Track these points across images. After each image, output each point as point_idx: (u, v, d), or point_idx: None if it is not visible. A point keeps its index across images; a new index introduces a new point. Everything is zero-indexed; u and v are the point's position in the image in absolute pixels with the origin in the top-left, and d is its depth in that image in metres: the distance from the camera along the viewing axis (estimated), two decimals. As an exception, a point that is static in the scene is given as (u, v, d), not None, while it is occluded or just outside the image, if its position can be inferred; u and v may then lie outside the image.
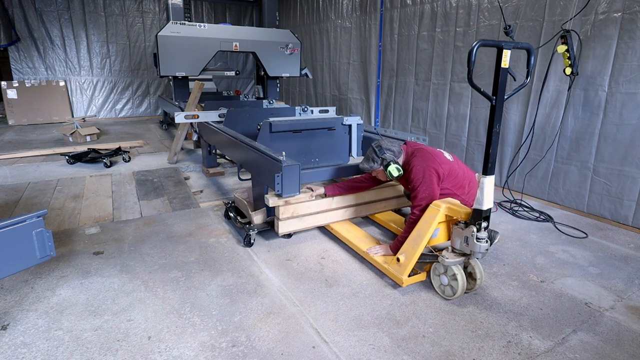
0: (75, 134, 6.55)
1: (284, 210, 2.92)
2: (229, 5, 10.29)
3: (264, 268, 2.75)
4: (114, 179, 4.65)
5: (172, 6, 5.99)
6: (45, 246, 2.00)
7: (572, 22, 3.63)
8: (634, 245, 3.18)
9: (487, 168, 2.23)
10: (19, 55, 8.33)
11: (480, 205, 2.22)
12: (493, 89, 2.17)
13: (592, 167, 3.68)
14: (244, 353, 1.95)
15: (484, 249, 2.26)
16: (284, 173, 2.76)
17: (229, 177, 4.90)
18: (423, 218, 2.49)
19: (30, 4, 8.11)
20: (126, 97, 9.46)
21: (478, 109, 4.71)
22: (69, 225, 3.37)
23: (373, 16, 6.36)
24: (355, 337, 2.07)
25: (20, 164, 5.23)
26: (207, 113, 4.59)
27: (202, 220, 3.53)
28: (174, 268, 2.72)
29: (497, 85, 2.14)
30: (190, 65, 5.74)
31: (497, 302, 2.40)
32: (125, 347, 1.97)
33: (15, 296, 2.37)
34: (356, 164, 3.59)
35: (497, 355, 1.97)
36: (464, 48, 4.80)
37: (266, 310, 2.28)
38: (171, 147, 5.56)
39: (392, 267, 2.55)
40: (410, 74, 5.67)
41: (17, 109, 8.22)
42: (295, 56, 6.49)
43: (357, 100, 7.03)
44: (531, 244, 3.18)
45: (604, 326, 2.20)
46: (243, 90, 10.63)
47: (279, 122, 3.71)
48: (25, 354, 1.92)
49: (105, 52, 9.00)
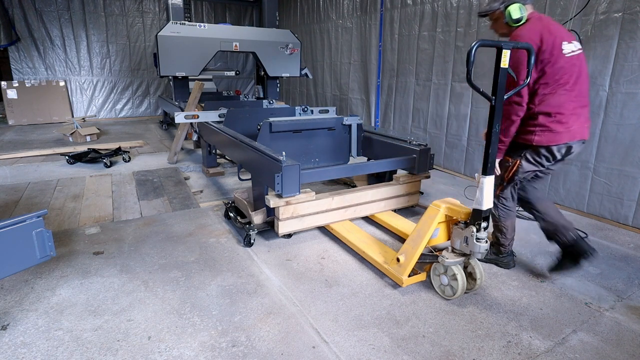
0: (75, 134, 6.55)
1: (284, 211, 2.92)
2: (229, 5, 10.30)
3: (264, 268, 2.75)
4: (114, 179, 4.65)
5: (172, 6, 5.99)
6: (45, 246, 2.00)
7: (573, 22, 3.63)
8: (634, 245, 3.18)
9: (486, 168, 2.23)
10: (19, 55, 8.33)
11: (480, 206, 2.22)
12: (492, 89, 2.17)
13: (592, 167, 3.67)
14: (244, 353, 1.95)
15: (483, 249, 2.26)
16: (284, 173, 2.76)
17: (229, 177, 4.90)
18: (423, 218, 2.49)
19: (30, 4, 8.11)
20: (126, 97, 9.46)
21: (479, 109, 4.71)
22: (69, 225, 3.37)
23: (373, 16, 6.36)
24: (355, 337, 2.07)
25: (20, 164, 5.23)
26: (207, 113, 4.59)
27: (202, 220, 3.53)
28: (174, 268, 2.72)
29: (497, 85, 2.14)
30: (190, 65, 5.75)
31: (497, 302, 2.40)
32: (125, 347, 1.97)
33: (15, 296, 2.37)
34: (356, 164, 3.60)
35: (497, 355, 1.97)
36: (464, 48, 4.80)
37: (266, 310, 2.28)
38: (171, 147, 5.56)
39: (392, 267, 2.55)
40: (411, 74, 5.67)
41: (17, 109, 8.22)
42: (295, 56, 6.49)
43: (357, 100, 7.03)
44: (531, 244, 3.18)
45: (604, 326, 2.20)
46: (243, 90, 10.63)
47: (279, 122, 3.71)
48: (25, 354, 1.92)
49: (105, 52, 9.00)
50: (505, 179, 2.54)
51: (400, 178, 3.50)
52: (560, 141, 2.34)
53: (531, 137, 2.37)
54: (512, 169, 2.48)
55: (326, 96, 8.02)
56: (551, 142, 2.34)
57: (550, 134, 2.32)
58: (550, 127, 2.32)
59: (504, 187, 2.58)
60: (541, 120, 2.33)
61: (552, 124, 2.31)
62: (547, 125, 2.32)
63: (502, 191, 2.60)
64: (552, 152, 2.38)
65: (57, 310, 2.25)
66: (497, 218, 2.66)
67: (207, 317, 2.21)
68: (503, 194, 2.60)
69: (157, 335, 2.06)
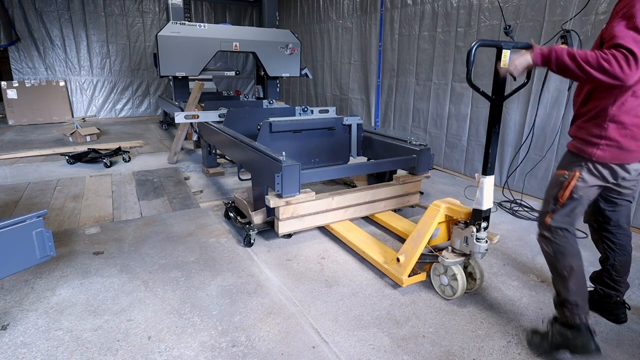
0: (75, 134, 6.55)
1: (284, 211, 2.92)
2: (229, 5, 10.30)
3: (264, 268, 2.75)
4: (114, 179, 4.65)
5: (172, 6, 5.99)
6: (45, 246, 2.00)
7: (572, 22, 3.62)
8: (634, 246, 3.17)
9: (486, 168, 2.22)
10: (19, 55, 8.33)
11: (480, 206, 2.22)
12: (493, 89, 2.17)
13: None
14: (244, 353, 1.95)
15: (483, 249, 2.26)
16: (284, 173, 2.76)
17: (229, 177, 4.90)
18: (423, 218, 2.49)
19: (30, 4, 8.11)
20: (126, 97, 9.46)
21: (479, 109, 4.71)
22: (69, 225, 3.37)
23: (373, 16, 6.36)
24: (355, 337, 2.07)
25: (20, 164, 5.23)
26: (207, 113, 4.59)
27: (202, 220, 3.53)
28: (174, 268, 2.72)
29: (497, 85, 2.14)
30: (190, 65, 5.75)
31: (497, 302, 2.40)
32: (125, 347, 1.97)
33: (15, 296, 2.37)
34: (356, 164, 3.60)
35: (497, 355, 1.97)
36: (465, 48, 4.80)
37: (266, 310, 2.28)
38: (171, 147, 5.56)
39: (392, 267, 2.55)
40: (411, 74, 5.67)
41: (17, 109, 8.22)
42: (295, 56, 6.49)
43: (357, 100, 7.03)
44: (531, 244, 3.18)
45: (604, 326, 2.20)
46: (243, 90, 10.63)
47: (279, 122, 3.71)
48: (25, 354, 1.92)
49: (105, 52, 9.00)
50: (560, 199, 1.89)
51: (400, 178, 3.50)
52: (630, 160, 1.79)
53: (592, 150, 1.79)
54: (569, 183, 1.86)
55: (326, 96, 8.02)
56: (617, 161, 1.78)
57: (618, 152, 1.76)
58: (620, 142, 1.74)
59: (559, 210, 1.90)
60: (611, 131, 1.75)
61: (623, 139, 1.74)
62: (616, 140, 1.75)
63: (555, 215, 1.91)
64: (614, 172, 1.81)
65: (57, 310, 2.25)
66: (552, 256, 1.93)
67: (207, 317, 2.21)
68: (558, 220, 1.90)
69: (157, 335, 2.06)
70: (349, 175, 4.28)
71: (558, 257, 1.90)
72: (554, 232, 1.91)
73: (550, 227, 1.91)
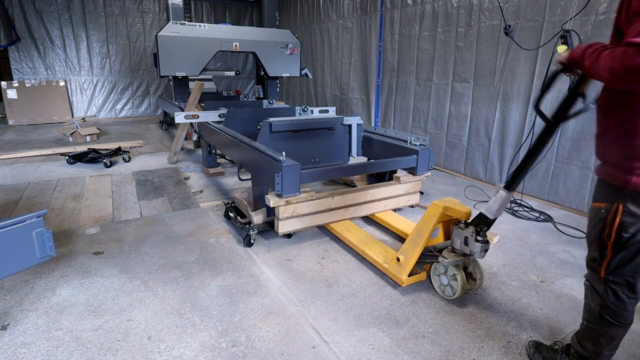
0: (75, 134, 6.55)
1: (284, 210, 2.92)
2: (229, 5, 10.30)
3: (264, 268, 2.75)
4: (114, 179, 4.65)
5: (172, 6, 5.99)
6: (45, 246, 2.00)
7: (573, 22, 3.62)
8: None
9: (513, 183, 2.07)
10: (19, 55, 8.33)
11: (490, 214, 2.15)
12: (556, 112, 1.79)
13: (593, 167, 3.67)
14: (244, 353, 1.95)
15: (483, 249, 2.25)
16: (284, 173, 2.76)
17: (229, 177, 4.90)
18: (423, 218, 2.49)
19: (30, 4, 8.11)
20: (126, 97, 9.46)
21: (479, 109, 4.70)
22: (69, 225, 3.37)
23: (373, 16, 6.36)
24: (355, 337, 2.07)
25: (20, 164, 5.23)
26: (207, 113, 4.59)
27: (202, 220, 3.53)
28: (174, 268, 2.72)
29: (561, 107, 1.77)
30: (190, 65, 5.75)
31: (497, 302, 2.40)
32: (125, 347, 1.97)
33: (15, 296, 2.37)
34: (356, 164, 3.60)
35: (497, 355, 1.97)
36: (465, 48, 4.80)
37: (266, 310, 2.28)
38: (171, 147, 5.56)
39: (392, 267, 2.55)
40: (411, 74, 5.67)
41: (17, 109, 8.22)
42: (295, 56, 6.49)
43: (357, 100, 7.03)
44: (531, 244, 3.18)
45: (604, 326, 2.20)
46: (243, 90, 10.63)
47: (279, 122, 3.71)
48: (25, 354, 1.92)
49: (105, 52, 9.00)
50: (608, 243, 1.53)
51: (400, 178, 3.50)
52: None
53: (628, 177, 1.45)
54: (613, 218, 1.50)
55: (326, 96, 8.02)
56: None
57: None
58: None
59: (613, 258, 1.53)
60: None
61: None
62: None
63: (610, 265, 1.55)
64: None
65: (57, 310, 2.25)
66: (596, 315, 1.62)
67: (207, 317, 2.21)
68: (616, 274, 1.55)
69: (157, 335, 2.06)
70: (349, 175, 4.28)
71: (603, 322, 1.60)
72: (610, 286, 1.56)
73: (607, 280, 1.56)
